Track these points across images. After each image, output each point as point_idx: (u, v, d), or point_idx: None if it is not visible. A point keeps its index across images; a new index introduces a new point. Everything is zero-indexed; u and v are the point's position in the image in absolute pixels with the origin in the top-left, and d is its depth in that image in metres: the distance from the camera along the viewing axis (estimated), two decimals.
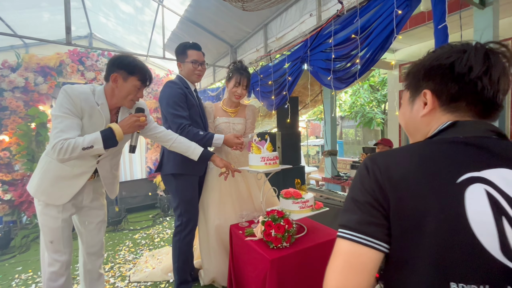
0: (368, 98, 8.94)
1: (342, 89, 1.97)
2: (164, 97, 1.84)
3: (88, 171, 1.51)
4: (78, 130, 1.37)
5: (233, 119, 2.09)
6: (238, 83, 1.99)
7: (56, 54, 3.97)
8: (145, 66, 1.47)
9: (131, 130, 1.47)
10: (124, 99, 1.45)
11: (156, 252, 2.84)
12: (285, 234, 1.48)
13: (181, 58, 1.92)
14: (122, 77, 1.40)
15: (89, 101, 1.39)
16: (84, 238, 1.67)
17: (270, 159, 1.62)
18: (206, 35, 3.38)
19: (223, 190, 2.00)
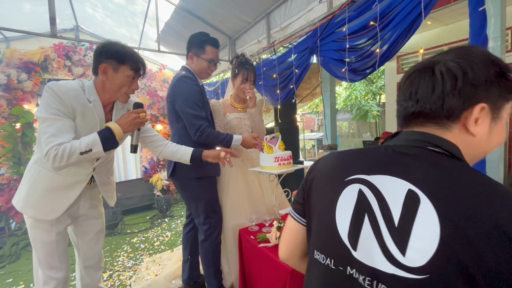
0: (364, 90, 8.89)
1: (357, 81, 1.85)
2: (181, 95, 1.67)
3: (84, 179, 1.36)
4: (72, 132, 1.21)
5: (243, 114, 1.98)
6: (245, 79, 1.87)
7: (40, 49, 3.70)
8: (136, 53, 1.31)
9: (132, 128, 1.31)
10: (117, 92, 1.30)
11: (157, 257, 2.70)
12: None
13: (196, 51, 1.75)
14: (112, 67, 1.25)
15: (79, 98, 1.24)
16: (81, 251, 1.51)
17: (284, 159, 1.50)
18: (202, 26, 3.18)
19: (237, 190, 1.90)
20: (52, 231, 1.31)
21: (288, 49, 2.38)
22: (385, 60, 1.56)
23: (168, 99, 1.78)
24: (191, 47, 1.77)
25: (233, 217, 1.83)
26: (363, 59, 1.69)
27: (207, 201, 1.78)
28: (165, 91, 4.57)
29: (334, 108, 4.19)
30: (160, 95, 4.58)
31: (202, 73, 1.80)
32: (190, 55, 1.77)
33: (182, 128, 1.75)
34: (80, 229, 1.48)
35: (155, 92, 4.54)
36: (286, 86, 2.47)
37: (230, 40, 3.42)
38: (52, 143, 1.13)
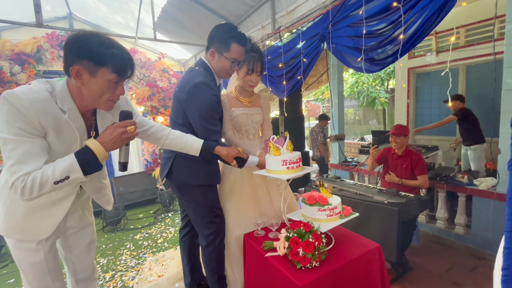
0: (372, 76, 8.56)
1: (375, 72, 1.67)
2: (196, 106, 1.48)
3: (71, 193, 1.19)
4: (44, 155, 0.98)
5: (250, 109, 1.78)
6: (251, 70, 1.64)
7: (32, 39, 3.52)
8: (120, 50, 1.02)
9: (118, 145, 1.05)
10: (97, 100, 1.04)
11: (161, 256, 2.63)
12: (315, 252, 1.24)
13: (219, 47, 1.52)
14: (87, 70, 0.97)
15: (50, 110, 0.98)
16: (71, 265, 1.38)
17: (293, 162, 1.34)
18: (201, 11, 2.95)
19: (241, 195, 1.75)
20: (39, 251, 1.16)
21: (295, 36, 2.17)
22: (409, 47, 1.36)
23: (177, 98, 1.56)
24: (213, 42, 1.53)
25: (237, 224, 1.70)
26: (383, 46, 1.49)
27: (209, 206, 1.65)
28: (165, 81, 4.39)
29: (341, 96, 3.99)
30: (160, 86, 4.40)
31: (222, 73, 1.60)
32: (212, 51, 1.53)
33: (186, 131, 1.56)
34: (69, 242, 1.34)
35: (155, 82, 4.37)
36: (293, 76, 2.27)
37: None
38: (18, 173, 0.92)
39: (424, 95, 5.26)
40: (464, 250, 2.63)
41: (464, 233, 2.80)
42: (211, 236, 1.67)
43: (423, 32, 1.33)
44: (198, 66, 1.58)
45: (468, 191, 2.71)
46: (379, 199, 2.24)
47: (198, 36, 3.39)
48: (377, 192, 2.38)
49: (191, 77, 1.50)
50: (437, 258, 2.51)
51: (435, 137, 4.89)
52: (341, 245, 1.44)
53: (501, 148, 2.39)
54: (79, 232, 1.34)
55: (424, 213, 3.14)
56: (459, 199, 2.83)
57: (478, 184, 2.71)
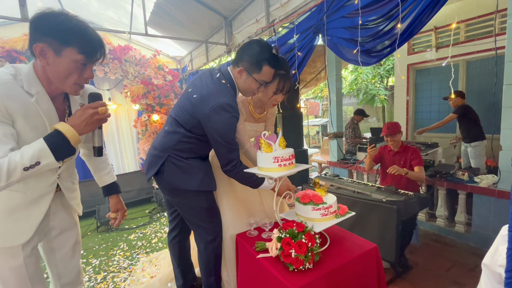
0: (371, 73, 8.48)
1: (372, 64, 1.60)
2: (218, 127, 1.35)
3: (49, 191, 1.12)
4: (10, 142, 0.92)
5: (256, 125, 1.68)
6: (280, 90, 1.50)
7: (23, 36, 3.45)
8: (88, 29, 0.97)
9: (90, 128, 1.01)
10: (63, 81, 0.98)
11: (154, 256, 2.58)
12: (308, 254, 1.18)
13: (249, 67, 1.39)
14: (52, 49, 0.92)
15: (15, 94, 0.93)
16: (54, 269, 1.31)
17: (285, 159, 1.28)
18: (195, 6, 2.88)
19: (235, 195, 1.68)
20: (19, 255, 1.08)
21: (289, 29, 2.10)
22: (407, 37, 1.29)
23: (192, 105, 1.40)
24: (244, 59, 1.40)
25: (232, 224, 1.64)
26: (380, 37, 1.42)
27: (206, 208, 1.57)
28: (160, 78, 4.32)
29: (340, 94, 3.92)
30: (155, 83, 4.33)
31: (246, 92, 1.49)
32: (241, 69, 1.40)
33: (189, 137, 1.47)
34: (52, 245, 1.27)
35: (150, 80, 4.29)
36: None
37: (226, 21, 3.12)
38: None
39: (424, 91, 5.19)
40: (464, 249, 2.58)
41: (465, 232, 2.75)
42: (210, 237, 1.60)
43: (421, 21, 1.26)
44: (224, 78, 1.42)
45: (469, 189, 2.66)
46: (378, 197, 2.18)
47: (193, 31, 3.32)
48: (376, 190, 2.32)
49: (217, 92, 1.36)
50: (437, 257, 2.46)
51: (435, 134, 4.83)
52: (336, 246, 1.38)
53: (503, 144, 2.33)
54: (63, 234, 1.28)
55: (424, 211, 3.09)
56: (460, 196, 2.78)
57: (479, 182, 2.65)
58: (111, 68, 3.95)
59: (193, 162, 1.51)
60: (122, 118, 4.66)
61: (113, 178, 1.44)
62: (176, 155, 1.49)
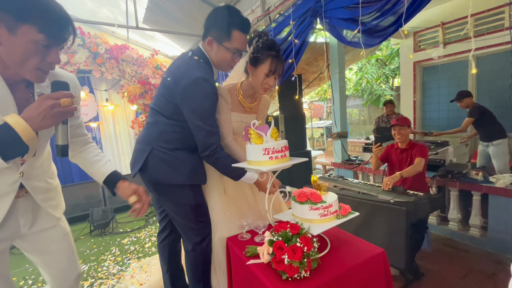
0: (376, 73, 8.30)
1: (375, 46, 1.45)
2: (195, 105, 1.26)
3: (8, 191, 0.96)
4: None
5: (247, 116, 1.52)
6: (272, 71, 1.37)
7: None
8: (52, 3, 0.81)
9: (49, 122, 0.84)
10: (21, 66, 0.82)
11: (146, 262, 2.43)
12: (304, 260, 1.01)
13: (218, 35, 1.29)
14: (4, 26, 0.76)
15: None
16: (46, 269, 1.16)
17: (277, 151, 1.12)
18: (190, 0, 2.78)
19: (226, 194, 1.53)
20: None
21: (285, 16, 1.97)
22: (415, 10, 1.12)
23: (167, 89, 1.32)
24: (211, 29, 1.30)
25: (222, 226, 1.49)
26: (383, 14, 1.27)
27: (194, 205, 1.44)
28: (158, 78, 4.23)
29: (343, 92, 3.77)
30: (152, 83, 4.24)
31: (222, 65, 1.37)
32: (209, 39, 1.30)
33: (171, 125, 1.36)
34: (35, 246, 1.11)
35: (147, 79, 4.20)
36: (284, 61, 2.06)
37: None
38: None
39: (431, 90, 4.99)
40: (480, 255, 2.38)
41: (480, 236, 2.55)
42: (197, 238, 1.47)
43: None
44: (196, 55, 1.33)
45: (484, 189, 2.46)
46: (385, 198, 2.02)
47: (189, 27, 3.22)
48: (383, 191, 2.15)
49: (189, 69, 1.27)
50: (450, 264, 2.27)
51: None
52: (337, 251, 1.22)
53: None
54: (43, 233, 1.12)
55: (435, 214, 2.89)
56: (474, 198, 2.58)
57: (495, 182, 2.46)
58: (107, 68, 3.87)
59: (179, 154, 1.39)
60: (119, 119, 4.57)
61: (112, 167, 1.21)
62: (161, 147, 1.37)
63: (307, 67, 4.73)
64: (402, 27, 1.23)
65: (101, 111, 4.33)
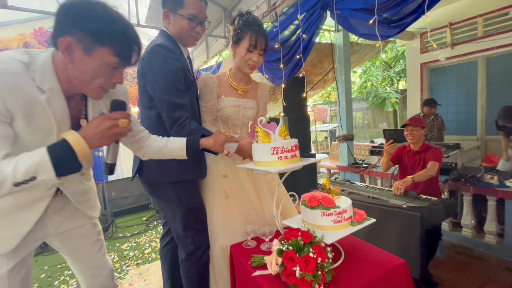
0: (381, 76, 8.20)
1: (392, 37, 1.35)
2: (154, 73, 1.22)
3: (45, 195, 0.94)
4: (6, 145, 0.75)
5: (244, 101, 1.45)
6: (253, 45, 1.32)
7: (19, 35, 3.36)
8: (128, 27, 0.81)
9: (104, 142, 0.83)
10: (86, 84, 0.83)
11: (145, 269, 2.33)
12: (318, 272, 0.91)
13: (171, 5, 1.27)
14: (82, 46, 0.76)
15: (21, 87, 0.75)
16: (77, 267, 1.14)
17: (287, 150, 1.02)
18: None
19: (229, 198, 1.43)
20: (3, 265, 0.90)
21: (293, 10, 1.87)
22: None
23: (139, 76, 1.31)
24: (165, 1, 1.28)
25: (222, 233, 1.39)
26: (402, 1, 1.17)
27: (187, 208, 1.35)
28: None
29: (349, 94, 3.68)
30: None
31: (183, 37, 1.32)
32: (165, 11, 1.28)
33: (156, 116, 1.31)
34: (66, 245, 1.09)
35: None
36: (291, 58, 1.95)
37: (225, 12, 2.94)
38: None
39: (439, 92, 4.87)
40: (496, 263, 2.26)
41: (496, 243, 2.42)
42: (191, 246, 1.37)
43: None
44: (158, 36, 1.33)
45: (500, 194, 2.34)
46: (397, 203, 1.90)
47: None
48: (393, 195, 2.04)
49: (147, 48, 1.25)
50: (466, 273, 2.14)
51: (453, 136, 4.48)
52: (353, 261, 1.11)
53: None
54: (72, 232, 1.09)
55: (447, 220, 2.76)
56: (489, 203, 2.46)
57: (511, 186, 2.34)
58: None
59: None
60: None
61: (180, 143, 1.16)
62: None
63: (311, 68, 4.65)
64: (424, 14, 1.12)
65: None
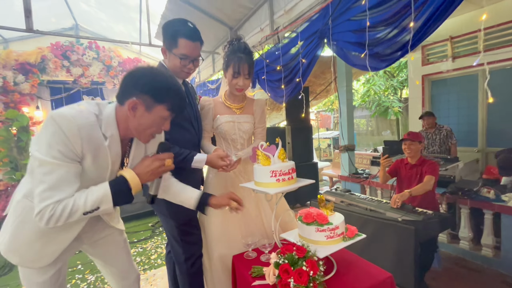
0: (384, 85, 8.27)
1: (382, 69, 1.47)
2: None
3: (84, 218, 1.06)
4: (77, 181, 0.93)
5: (238, 116, 1.62)
6: (237, 72, 1.50)
7: (37, 49, 3.56)
8: (179, 88, 1.03)
9: (153, 178, 1.04)
10: (142, 132, 1.02)
11: (151, 274, 2.44)
12: (310, 284, 1.01)
13: (168, 44, 1.42)
14: (145, 105, 0.96)
15: (94, 136, 0.94)
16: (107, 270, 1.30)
17: (284, 173, 1.14)
18: (200, 16, 2.87)
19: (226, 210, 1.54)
20: (47, 271, 1.08)
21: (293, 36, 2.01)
22: (422, 38, 1.15)
23: None
24: (164, 39, 1.43)
25: (219, 243, 1.51)
26: (390, 39, 1.29)
27: (177, 223, 1.47)
28: None
29: (351, 105, 3.77)
30: None
31: (176, 72, 1.47)
32: (163, 48, 1.44)
33: None
34: (97, 251, 1.25)
35: None
36: (292, 80, 2.09)
37: (231, 31, 3.09)
38: (49, 200, 0.86)
39: (440, 103, 4.94)
40: (493, 276, 2.30)
41: (493, 256, 2.46)
42: (182, 256, 1.49)
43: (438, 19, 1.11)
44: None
45: (496, 208, 2.40)
46: (393, 216, 1.99)
47: None
48: (390, 208, 2.12)
49: None
50: (462, 284, 2.20)
51: None
52: (344, 274, 1.21)
53: None
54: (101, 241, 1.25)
55: (446, 232, 2.82)
56: (485, 216, 2.51)
57: (507, 200, 2.39)
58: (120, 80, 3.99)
59: None
60: None
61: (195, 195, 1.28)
62: None
63: (314, 79, 4.77)
64: (408, 53, 1.24)
65: None
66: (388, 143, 4.38)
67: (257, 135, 1.71)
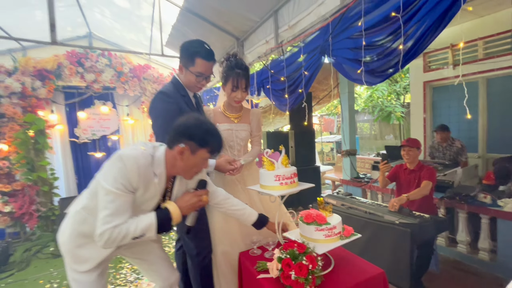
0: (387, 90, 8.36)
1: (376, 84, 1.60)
2: (154, 116, 1.57)
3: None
4: (130, 209, 1.10)
5: (236, 125, 1.77)
6: (235, 86, 1.65)
7: (53, 56, 3.76)
8: (218, 133, 1.21)
9: (190, 211, 1.22)
10: (186, 171, 1.21)
11: None
12: (309, 276, 1.14)
13: (185, 62, 1.57)
14: (190, 149, 1.14)
15: (148, 173, 1.13)
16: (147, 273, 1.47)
17: (287, 178, 1.27)
18: (209, 28, 3.04)
19: None
20: (93, 272, 1.24)
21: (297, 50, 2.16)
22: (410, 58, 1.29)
23: None
24: (181, 57, 1.59)
25: (221, 241, 1.64)
26: (383, 58, 1.43)
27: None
28: None
29: (352, 111, 3.88)
30: None
31: (190, 87, 1.64)
32: (180, 65, 1.59)
33: None
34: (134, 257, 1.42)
35: None
36: (295, 90, 2.24)
37: (238, 42, 3.25)
38: (109, 224, 1.03)
39: (441, 109, 5.03)
40: (489, 279, 2.38)
41: (489, 260, 2.53)
42: (194, 251, 1.62)
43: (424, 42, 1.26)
44: (171, 82, 1.65)
45: (492, 213, 2.48)
46: (390, 219, 2.09)
47: None
48: (389, 211, 2.22)
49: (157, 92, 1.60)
50: (459, 287, 2.27)
51: None
52: (340, 270, 1.33)
53: None
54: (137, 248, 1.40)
55: (444, 236, 2.89)
56: (482, 221, 2.59)
57: (503, 206, 2.47)
58: (130, 86, 4.17)
59: None
60: (139, 133, 4.85)
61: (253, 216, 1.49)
62: None
63: (317, 85, 4.90)
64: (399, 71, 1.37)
65: (122, 125, 4.63)
66: (389, 149, 4.47)
67: (254, 142, 1.87)
